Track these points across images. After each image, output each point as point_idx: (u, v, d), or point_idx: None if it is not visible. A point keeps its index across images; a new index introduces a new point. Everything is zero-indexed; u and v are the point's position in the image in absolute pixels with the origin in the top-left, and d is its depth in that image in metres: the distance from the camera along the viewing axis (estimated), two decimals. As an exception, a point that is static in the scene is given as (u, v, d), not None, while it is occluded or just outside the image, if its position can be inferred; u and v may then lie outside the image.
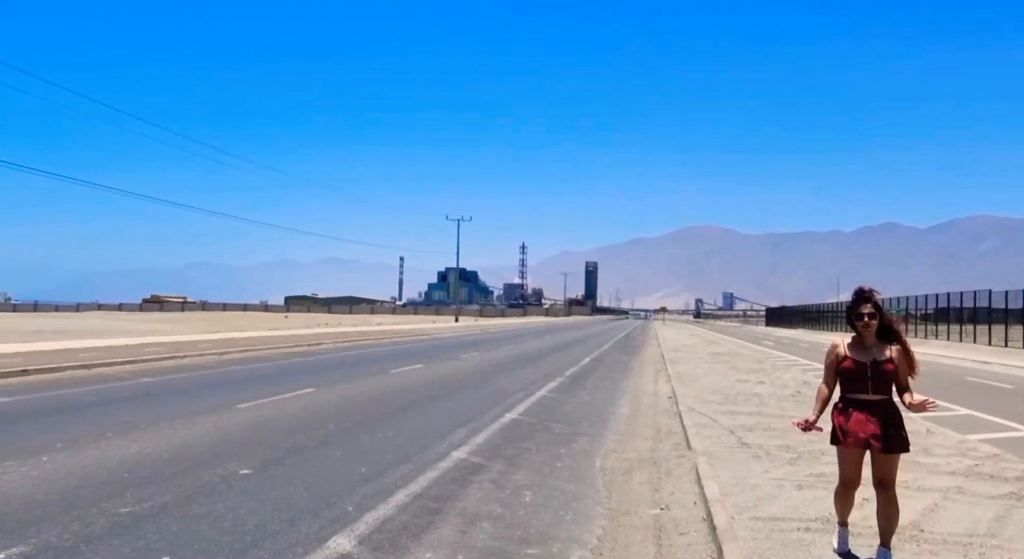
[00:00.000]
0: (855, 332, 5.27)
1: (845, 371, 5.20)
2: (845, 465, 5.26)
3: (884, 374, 5.11)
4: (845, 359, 5.21)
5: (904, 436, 5.14)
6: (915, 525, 6.15)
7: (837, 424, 5.22)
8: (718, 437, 10.50)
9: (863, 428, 5.09)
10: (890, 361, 5.12)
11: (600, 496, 7.61)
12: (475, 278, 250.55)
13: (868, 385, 5.13)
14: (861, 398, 5.15)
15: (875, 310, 5.18)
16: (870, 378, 5.12)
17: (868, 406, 5.13)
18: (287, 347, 30.03)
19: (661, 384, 19.01)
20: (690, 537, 6.17)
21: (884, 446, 5.07)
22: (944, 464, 8.72)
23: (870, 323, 5.17)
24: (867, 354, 5.17)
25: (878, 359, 5.13)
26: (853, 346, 5.25)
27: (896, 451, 5.10)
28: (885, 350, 5.16)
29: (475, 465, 8.69)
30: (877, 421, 5.09)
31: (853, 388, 5.18)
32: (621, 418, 13.24)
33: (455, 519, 6.44)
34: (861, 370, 5.14)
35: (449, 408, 13.62)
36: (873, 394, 5.13)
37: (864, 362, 5.15)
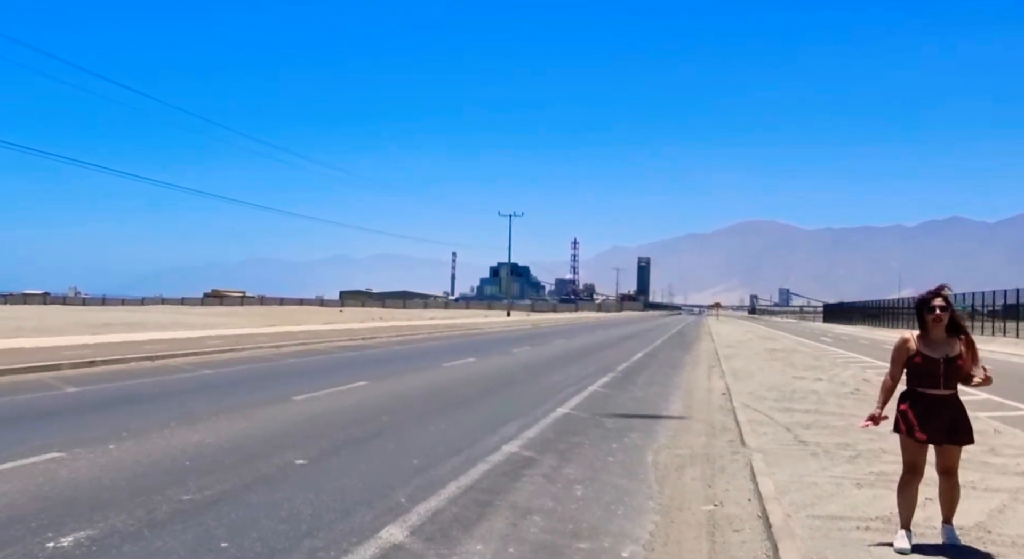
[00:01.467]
0: (922, 327, 5.33)
1: (916, 366, 5.29)
2: (911, 453, 5.36)
3: (956, 370, 5.22)
4: (916, 354, 5.29)
5: (970, 428, 5.26)
6: (981, 526, 5.94)
7: (903, 414, 5.32)
8: (774, 434, 10.31)
9: (934, 424, 5.21)
10: (960, 357, 5.22)
11: (652, 491, 7.54)
12: (527, 273, 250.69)
13: (940, 381, 5.22)
14: (932, 393, 5.25)
15: (946, 304, 5.25)
16: (943, 374, 5.21)
17: (938, 401, 5.23)
18: (341, 341, 30.50)
19: (715, 380, 18.76)
20: (744, 534, 6.08)
21: (952, 439, 5.23)
22: (1013, 464, 8.43)
23: (941, 317, 5.22)
24: (938, 350, 5.26)
25: (950, 355, 5.22)
26: (922, 341, 5.32)
27: (963, 443, 5.26)
28: (956, 346, 5.25)
29: (526, 459, 8.70)
30: (946, 416, 5.21)
31: (924, 383, 5.28)
32: (674, 413, 13.10)
33: (506, 512, 6.45)
34: (933, 366, 5.23)
35: (500, 402, 13.66)
36: (944, 389, 5.23)
37: (936, 358, 5.23)
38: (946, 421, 5.20)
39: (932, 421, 5.20)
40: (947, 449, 5.27)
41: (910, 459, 5.37)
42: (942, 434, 5.21)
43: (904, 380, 5.45)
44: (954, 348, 5.23)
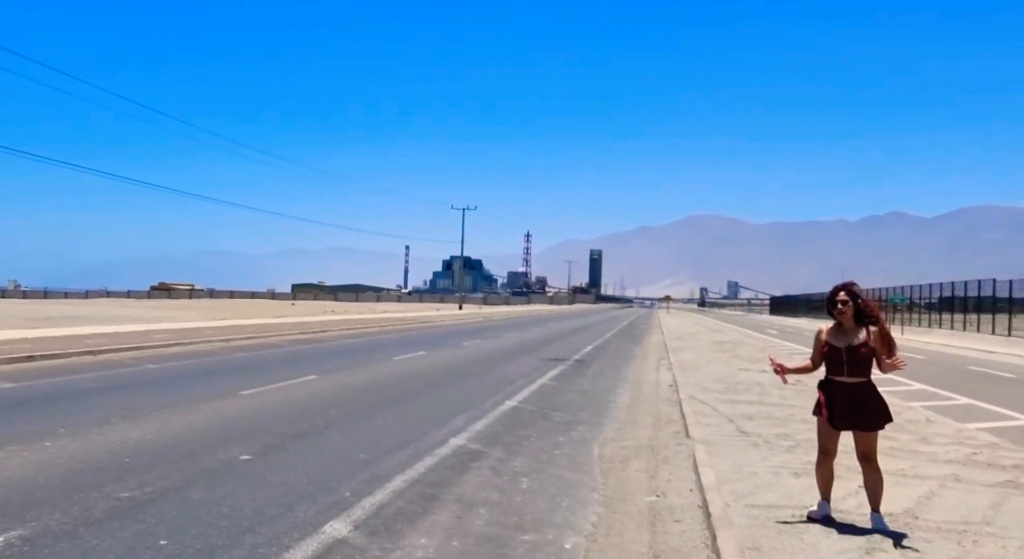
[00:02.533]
0: (833, 319, 5.76)
1: (825, 355, 5.70)
2: (822, 437, 5.79)
3: (860, 357, 5.55)
4: (825, 345, 5.70)
5: (879, 415, 5.58)
6: (910, 512, 6.16)
7: (819, 400, 5.73)
8: (717, 425, 10.52)
9: (838, 409, 5.59)
10: (865, 345, 5.55)
11: (597, 483, 7.64)
12: (480, 266, 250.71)
13: (844, 368, 5.59)
14: (838, 380, 5.64)
15: (848, 298, 5.63)
16: (846, 362, 5.58)
17: (843, 387, 5.60)
18: (292, 334, 30.13)
19: (663, 372, 19.04)
20: (685, 524, 6.20)
21: (856, 425, 5.57)
22: (942, 452, 8.74)
23: (843, 310, 5.64)
24: (843, 340, 5.63)
25: (853, 344, 5.58)
26: (833, 332, 5.73)
27: (867, 429, 5.58)
28: (860, 334, 5.60)
29: (474, 452, 8.74)
30: (849, 402, 5.56)
31: (832, 371, 5.67)
32: (621, 406, 13.27)
33: (452, 505, 6.49)
34: (838, 355, 5.61)
35: (450, 395, 13.67)
36: (849, 376, 5.59)
37: (840, 347, 5.61)
38: (850, 407, 5.55)
39: (837, 407, 5.59)
40: (860, 435, 5.61)
41: (822, 442, 5.81)
42: (846, 419, 5.58)
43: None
44: (859, 337, 5.59)
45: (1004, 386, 18.18)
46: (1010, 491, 6.94)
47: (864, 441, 5.62)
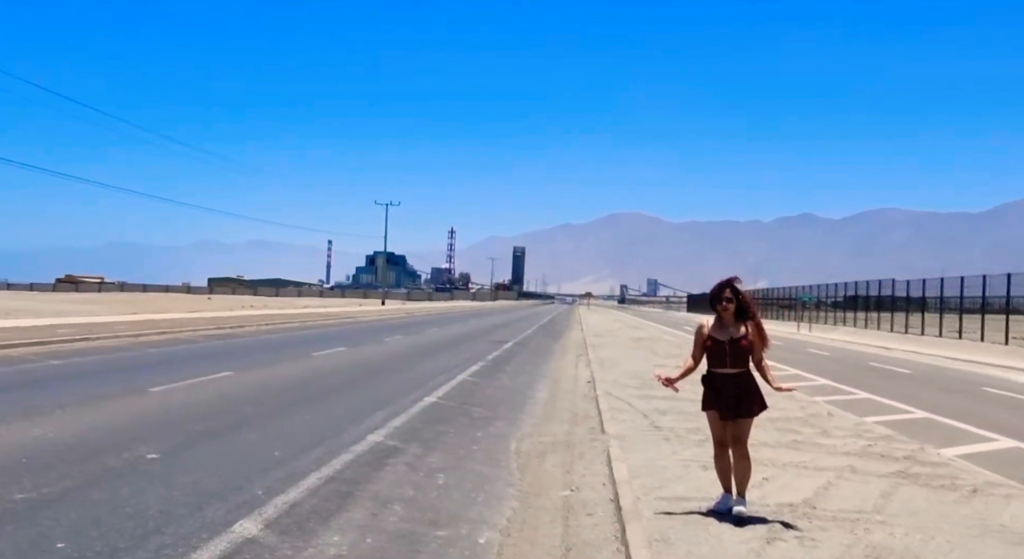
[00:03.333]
0: (717, 313, 5.99)
1: (708, 349, 5.94)
2: (714, 429, 6.05)
3: (740, 350, 5.85)
4: (708, 338, 5.94)
5: (754, 403, 5.88)
6: (808, 503, 6.45)
7: (705, 394, 6.00)
8: (632, 421, 10.77)
9: (723, 400, 5.86)
10: (745, 338, 5.85)
11: (513, 478, 7.73)
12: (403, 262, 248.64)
13: (727, 360, 5.86)
14: (721, 372, 5.90)
15: (732, 296, 5.89)
16: (728, 354, 5.85)
17: (726, 378, 5.87)
18: (208, 329, 29.29)
19: (581, 369, 19.33)
20: (597, 517, 6.35)
21: (737, 413, 5.86)
22: (841, 445, 9.16)
23: (728, 307, 5.90)
24: (725, 333, 5.89)
25: (734, 337, 5.86)
26: (715, 326, 5.98)
27: (748, 416, 5.89)
28: (740, 328, 5.88)
29: (391, 448, 8.71)
30: (734, 392, 5.84)
31: (715, 364, 5.93)
32: (540, 402, 13.43)
33: (367, 502, 6.46)
34: (720, 348, 5.87)
35: (369, 391, 13.57)
36: (731, 368, 5.87)
37: (723, 340, 5.88)
38: (733, 397, 5.85)
39: (722, 397, 5.87)
40: (736, 423, 5.91)
41: (716, 434, 6.05)
42: (730, 409, 5.87)
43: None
44: (739, 331, 5.88)
45: (899, 381, 19.19)
46: (900, 481, 7.34)
47: (740, 427, 5.92)
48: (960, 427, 11.74)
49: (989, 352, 29.09)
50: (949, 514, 6.25)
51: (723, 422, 5.95)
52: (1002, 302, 32.79)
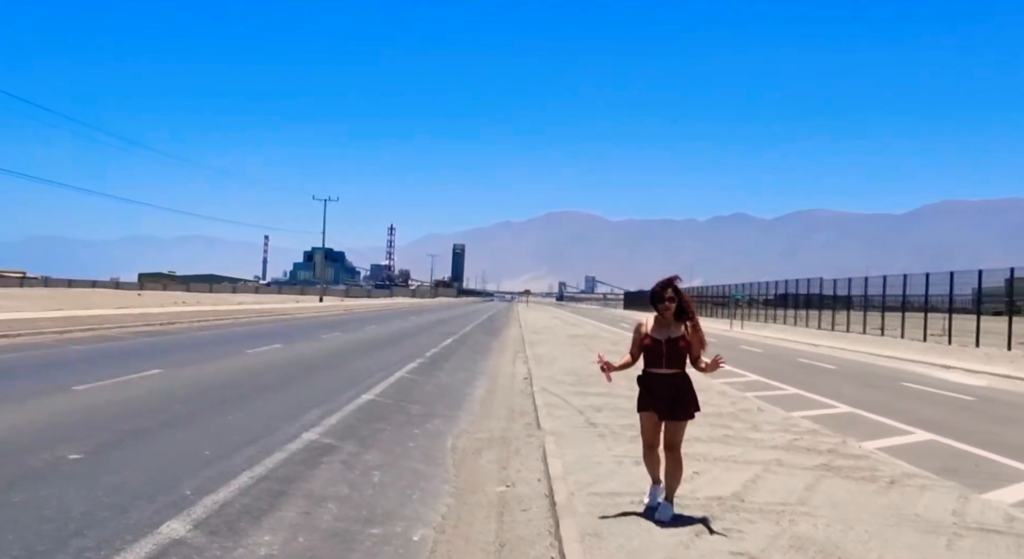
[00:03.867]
0: (658, 312, 5.88)
1: (646, 348, 5.83)
2: (646, 430, 5.94)
3: (677, 350, 5.74)
4: (646, 337, 5.83)
5: (689, 405, 5.81)
6: (737, 496, 6.63)
7: (640, 395, 5.91)
8: (568, 417, 10.87)
9: (658, 400, 5.78)
10: (683, 338, 5.76)
11: (449, 475, 7.74)
12: (342, 258, 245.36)
13: (663, 361, 5.76)
14: (657, 372, 5.80)
15: (674, 294, 5.80)
16: (664, 354, 5.75)
17: (662, 379, 5.78)
18: (137, 326, 28.44)
19: (519, 365, 19.42)
20: (531, 513, 6.40)
21: (672, 415, 5.78)
22: (769, 439, 9.43)
23: (670, 306, 5.79)
24: (663, 333, 5.79)
25: (672, 337, 5.76)
26: (654, 325, 5.87)
27: (682, 419, 5.81)
28: (679, 328, 5.79)
29: (326, 446, 8.62)
30: (669, 393, 5.75)
31: (651, 363, 5.83)
32: (477, 399, 13.46)
33: (300, 501, 6.38)
34: (657, 347, 5.77)
35: (305, 389, 13.38)
36: (667, 368, 5.77)
37: (660, 340, 5.77)
38: (669, 398, 5.76)
39: (657, 398, 5.78)
40: (670, 425, 5.81)
41: (647, 435, 5.94)
42: (665, 410, 5.77)
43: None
44: (677, 331, 5.79)
45: (826, 377, 19.83)
46: (824, 473, 7.60)
47: (674, 431, 5.81)
48: (881, 421, 12.20)
49: (909, 348, 30.29)
50: (868, 505, 6.50)
51: (658, 423, 5.82)
52: (922, 301, 34.16)
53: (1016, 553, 5.35)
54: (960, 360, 25.69)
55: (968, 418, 13.10)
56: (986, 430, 11.74)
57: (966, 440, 10.59)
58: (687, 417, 5.83)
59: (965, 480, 7.88)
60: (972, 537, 5.67)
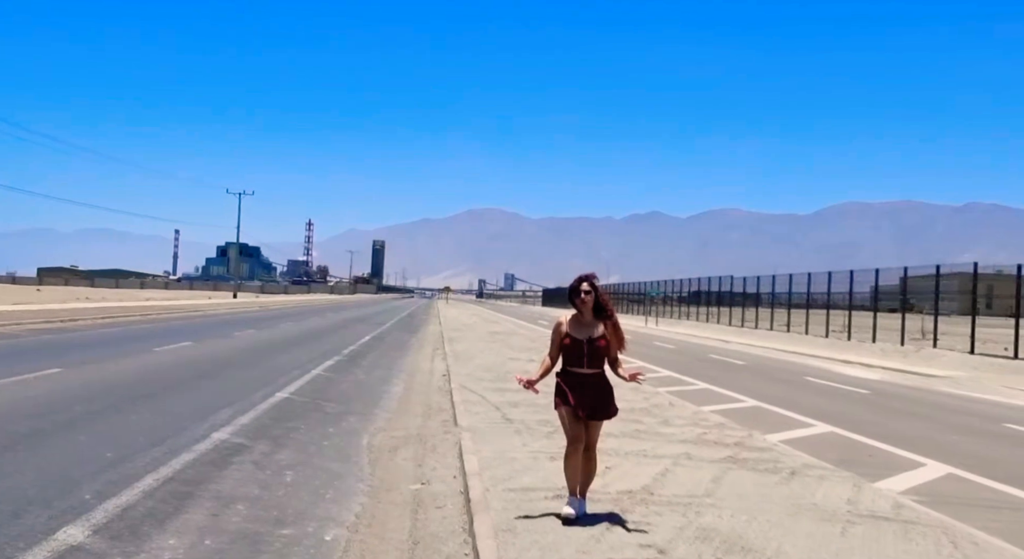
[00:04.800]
0: (575, 309, 5.83)
1: (566, 348, 5.76)
2: (569, 425, 5.83)
3: (597, 350, 5.72)
4: (566, 337, 5.76)
5: (608, 405, 5.81)
6: (646, 489, 6.80)
7: (559, 391, 5.83)
8: (485, 413, 10.93)
9: (578, 399, 5.72)
10: (603, 338, 5.73)
11: (364, 473, 7.68)
12: (257, 253, 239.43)
13: (584, 361, 5.72)
14: (577, 372, 5.75)
15: (591, 289, 5.76)
16: (585, 354, 5.70)
17: (583, 379, 5.74)
18: (35, 323, 27.09)
19: (437, 362, 19.39)
20: (446, 510, 6.42)
21: (591, 414, 5.76)
22: (679, 433, 9.70)
23: (586, 300, 5.73)
24: (583, 332, 5.74)
25: (592, 337, 5.72)
26: (572, 324, 5.81)
27: (600, 419, 5.82)
28: (599, 328, 5.75)
29: (237, 446, 8.42)
30: (590, 393, 5.73)
31: (571, 362, 5.77)
32: (394, 396, 13.38)
33: (208, 502, 6.22)
34: (578, 347, 5.71)
35: (215, 388, 13.02)
36: (588, 368, 5.73)
37: (581, 340, 5.71)
38: (590, 398, 5.72)
39: (576, 396, 5.73)
40: (588, 425, 5.80)
41: (572, 432, 5.79)
42: (585, 409, 5.74)
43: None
44: (597, 330, 5.74)
45: (735, 372, 20.53)
46: (730, 466, 7.88)
47: (592, 430, 5.81)
48: (784, 414, 12.72)
49: (813, 344, 31.64)
50: (770, 495, 6.78)
51: (579, 420, 5.75)
52: (825, 298, 35.69)
53: (903, 538, 5.68)
54: (858, 355, 26.99)
55: (864, 410, 13.79)
56: (879, 422, 12.39)
57: (861, 431, 11.15)
58: (605, 417, 5.81)
59: (859, 470, 8.31)
60: (864, 524, 5.98)
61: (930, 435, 11.32)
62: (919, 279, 31.23)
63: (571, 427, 5.79)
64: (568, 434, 5.85)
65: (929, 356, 25.19)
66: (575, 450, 5.78)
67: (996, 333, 25.14)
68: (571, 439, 5.81)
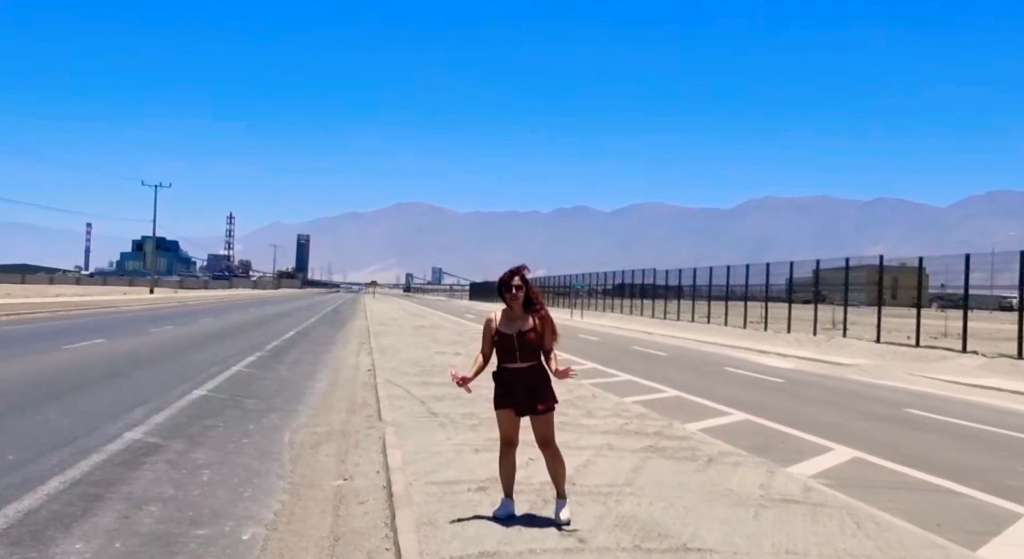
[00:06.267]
0: (505, 303, 5.75)
1: (497, 343, 5.69)
2: (504, 426, 5.75)
3: (528, 343, 5.64)
4: (496, 332, 5.69)
5: (548, 397, 5.71)
6: (568, 480, 6.84)
7: (497, 392, 5.71)
8: (410, 408, 10.88)
9: (515, 396, 5.62)
10: (533, 330, 5.65)
11: (284, 471, 7.56)
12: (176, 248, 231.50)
13: (516, 354, 5.64)
14: (511, 366, 5.66)
15: (522, 283, 5.69)
16: (517, 348, 5.63)
17: (517, 373, 5.65)
18: (-72, 321, 25.59)
19: (363, 357, 19.19)
20: (368, 505, 6.37)
21: (532, 409, 5.65)
22: (602, 424, 9.86)
23: (517, 295, 5.67)
24: (513, 326, 5.68)
25: (522, 330, 5.65)
26: (503, 319, 5.74)
27: (542, 413, 5.68)
28: (529, 321, 5.69)
29: (151, 445, 8.17)
30: (525, 387, 5.63)
31: (505, 358, 5.69)
32: (318, 392, 13.18)
33: (118, 504, 6.01)
34: (509, 342, 5.64)
35: (129, 386, 12.58)
36: (521, 362, 5.65)
37: (511, 334, 5.65)
38: (526, 392, 5.65)
39: (514, 393, 5.65)
40: (537, 420, 5.72)
41: (507, 432, 5.71)
42: (524, 406, 5.66)
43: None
44: (527, 323, 5.69)
45: (657, 363, 20.98)
46: (649, 455, 8.05)
47: (541, 425, 5.68)
48: (704, 404, 13.06)
49: (731, 335, 32.58)
50: (688, 483, 6.96)
51: (517, 419, 5.66)
52: (744, 290, 36.80)
53: (811, 520, 5.92)
54: (774, 345, 27.94)
55: (778, 398, 14.29)
56: (792, 409, 12.87)
57: (776, 419, 11.56)
58: (550, 409, 5.69)
59: (773, 456, 8.62)
60: (775, 508, 6.21)
61: (838, 421, 11.82)
62: (830, 271, 32.50)
63: (506, 429, 5.73)
64: (502, 436, 5.79)
65: (839, 345, 26.26)
66: (507, 452, 5.75)
67: (900, 322, 26.41)
68: (504, 442, 5.76)
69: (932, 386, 17.17)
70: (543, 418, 5.68)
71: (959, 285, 23.31)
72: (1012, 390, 16.28)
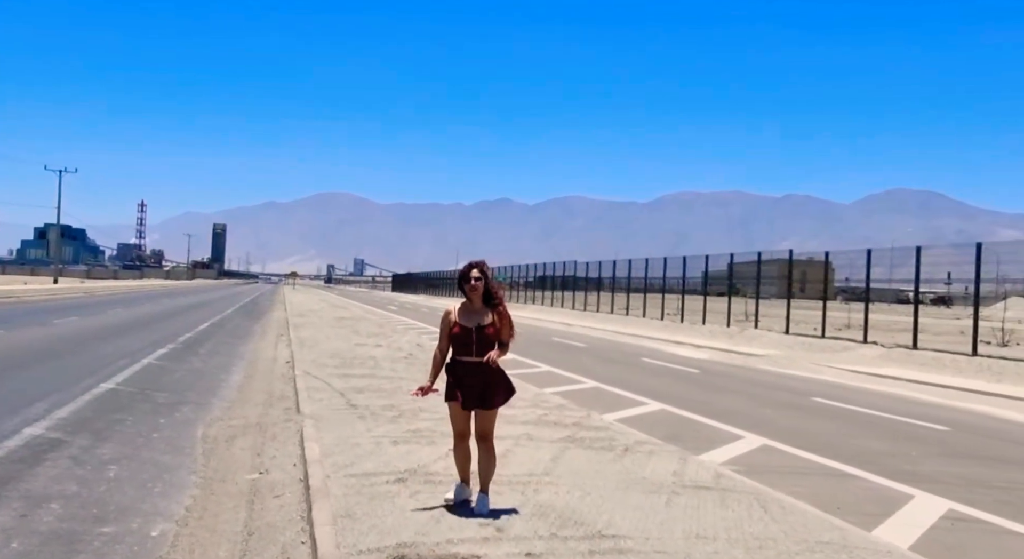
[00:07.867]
0: (465, 296, 5.76)
1: (455, 336, 5.67)
2: (455, 420, 5.75)
3: (486, 338, 5.63)
4: (455, 325, 5.68)
5: (498, 393, 5.71)
6: (487, 470, 6.94)
7: (448, 383, 5.71)
8: (329, 400, 10.73)
9: (468, 390, 5.62)
10: (492, 325, 5.66)
11: (197, 465, 7.37)
12: (83, 236, 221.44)
13: (473, 348, 5.63)
14: (467, 360, 5.64)
15: (481, 275, 5.71)
16: (474, 342, 5.62)
17: (472, 367, 5.63)
18: None
19: (281, 349, 18.82)
20: (284, 499, 6.27)
21: (482, 404, 5.66)
22: (521, 415, 9.93)
23: (476, 286, 5.67)
24: (473, 320, 5.68)
25: (482, 324, 5.65)
26: (462, 312, 5.74)
27: (491, 407, 5.71)
28: (488, 315, 5.69)
29: (53, 441, 7.83)
30: (479, 382, 5.62)
31: (460, 351, 5.67)
32: (234, 385, 12.87)
33: (16, 503, 5.75)
34: (467, 335, 5.63)
35: (29, 380, 12.00)
36: (477, 356, 5.62)
37: (470, 328, 5.64)
38: (479, 387, 5.65)
39: (467, 387, 5.64)
40: (481, 414, 5.72)
41: (457, 425, 5.72)
42: (475, 400, 5.65)
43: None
44: (486, 318, 5.70)
45: (576, 354, 21.29)
46: (568, 445, 8.18)
47: (485, 420, 5.68)
48: (621, 394, 13.33)
49: (649, 326, 33.31)
50: (604, 472, 7.10)
51: (466, 412, 5.66)
52: (661, 283, 37.64)
53: (720, 505, 6.13)
54: (689, 336, 28.71)
55: (692, 388, 14.71)
56: (705, 399, 13.27)
57: (689, 408, 11.91)
58: (497, 405, 5.71)
59: (686, 444, 8.88)
60: (687, 494, 6.41)
61: (749, 410, 12.25)
62: (744, 265, 33.56)
63: (456, 422, 5.74)
64: (454, 428, 5.80)
65: (751, 336, 27.18)
66: (459, 443, 5.78)
67: (808, 314, 27.50)
68: (456, 435, 5.79)
69: (836, 375, 17.98)
70: (488, 414, 5.70)
71: (862, 279, 24.40)
72: (907, 379, 17.22)
